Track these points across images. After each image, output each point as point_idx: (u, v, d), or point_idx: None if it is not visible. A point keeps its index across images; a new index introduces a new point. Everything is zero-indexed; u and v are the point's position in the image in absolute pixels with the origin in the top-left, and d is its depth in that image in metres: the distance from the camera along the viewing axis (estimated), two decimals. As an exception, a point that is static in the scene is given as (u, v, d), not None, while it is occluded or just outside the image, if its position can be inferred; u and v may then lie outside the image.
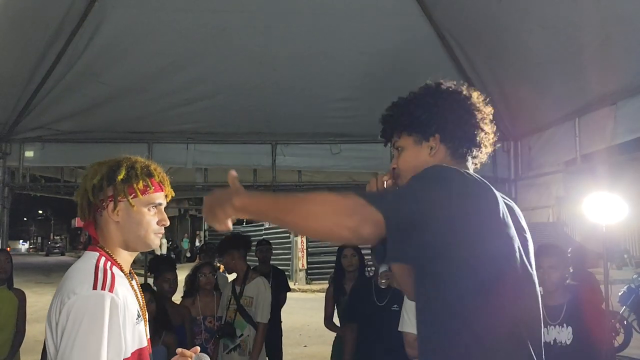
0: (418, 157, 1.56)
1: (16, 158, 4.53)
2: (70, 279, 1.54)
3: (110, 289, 1.50)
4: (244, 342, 4.02)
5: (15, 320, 4.19)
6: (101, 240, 1.65)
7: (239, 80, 4.11)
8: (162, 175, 1.72)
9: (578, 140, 3.61)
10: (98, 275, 1.51)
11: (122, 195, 1.62)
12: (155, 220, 1.67)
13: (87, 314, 1.44)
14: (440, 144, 1.55)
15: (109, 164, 1.66)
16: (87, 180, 1.65)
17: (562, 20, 2.93)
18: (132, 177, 1.63)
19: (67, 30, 3.49)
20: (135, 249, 1.69)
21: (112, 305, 1.47)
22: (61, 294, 1.50)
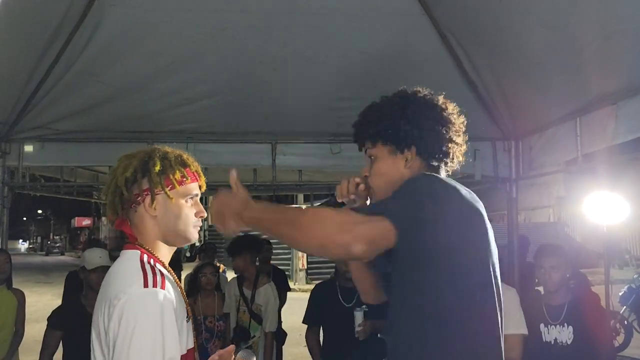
0: (393, 168, 1.55)
1: (16, 158, 4.52)
2: (116, 280, 1.43)
3: (162, 286, 1.39)
4: (255, 344, 4.04)
5: (14, 320, 4.19)
6: (138, 237, 1.54)
7: (239, 80, 4.10)
8: (196, 165, 1.63)
9: (579, 140, 3.60)
10: (147, 272, 1.41)
11: (159, 187, 1.51)
12: (193, 212, 1.57)
13: (141, 314, 1.33)
14: (417, 156, 1.55)
15: (140, 156, 1.56)
16: (118, 174, 1.54)
17: (563, 19, 2.92)
18: (168, 168, 1.53)
19: (66, 29, 3.48)
20: (175, 243, 1.59)
21: (166, 302, 1.37)
22: (108, 298, 1.38)
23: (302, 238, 1.40)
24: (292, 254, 18.66)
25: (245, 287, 4.15)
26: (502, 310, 1.47)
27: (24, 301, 4.30)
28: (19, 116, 4.22)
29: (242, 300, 4.09)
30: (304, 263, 18.50)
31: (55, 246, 47.98)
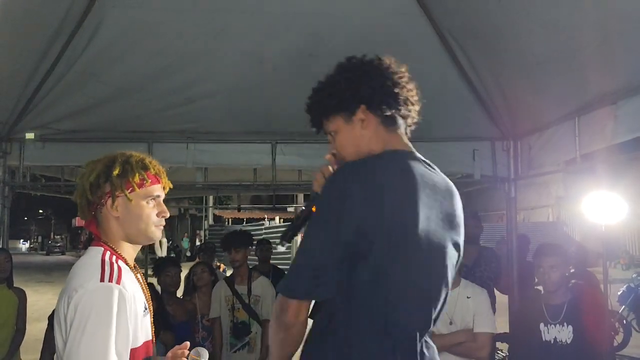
0: (352, 134, 1.56)
1: (16, 157, 4.53)
2: (77, 273, 1.55)
3: (118, 281, 1.51)
4: (252, 340, 4.04)
5: (15, 320, 4.20)
6: (103, 236, 1.66)
7: (239, 80, 4.11)
8: (157, 168, 1.73)
9: (578, 139, 3.61)
10: (105, 268, 1.52)
11: (120, 190, 1.63)
12: (155, 212, 1.68)
13: (95, 307, 1.45)
14: (369, 112, 1.54)
15: (104, 161, 1.68)
16: (84, 178, 1.67)
17: (562, 19, 2.92)
18: (128, 172, 1.64)
19: (66, 29, 3.49)
20: (138, 242, 1.71)
21: (120, 297, 1.48)
22: (68, 289, 1.51)
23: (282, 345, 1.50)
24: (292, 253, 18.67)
25: (238, 283, 4.15)
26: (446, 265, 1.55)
27: (25, 300, 4.31)
28: (20, 116, 4.22)
29: (236, 299, 4.09)
30: (304, 262, 18.50)
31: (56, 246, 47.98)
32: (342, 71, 1.59)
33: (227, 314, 4.10)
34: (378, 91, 1.53)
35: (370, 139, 1.55)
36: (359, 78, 1.54)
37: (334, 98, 1.57)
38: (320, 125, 1.67)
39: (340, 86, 1.56)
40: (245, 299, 4.07)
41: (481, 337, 3.05)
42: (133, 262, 1.70)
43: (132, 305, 1.53)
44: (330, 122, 1.61)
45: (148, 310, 1.65)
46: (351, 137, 1.57)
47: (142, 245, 1.77)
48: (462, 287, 3.17)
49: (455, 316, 3.09)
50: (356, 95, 1.53)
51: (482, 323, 3.08)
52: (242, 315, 4.07)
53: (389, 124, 1.56)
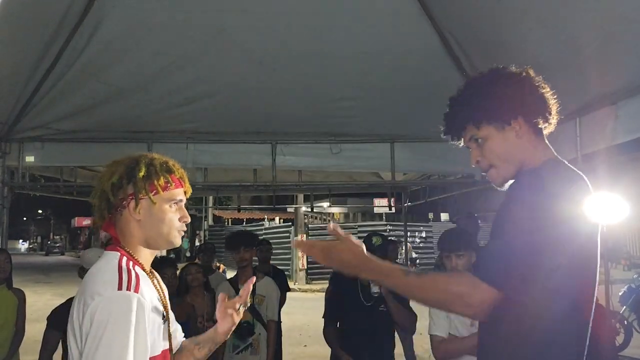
0: (505, 142, 1.58)
1: (16, 157, 4.53)
2: (93, 280, 1.48)
3: (136, 289, 1.44)
4: (255, 341, 4.02)
5: (15, 320, 4.18)
6: (122, 240, 1.60)
7: (239, 80, 4.11)
8: (181, 172, 1.67)
9: (579, 140, 3.60)
10: (122, 275, 1.46)
11: (144, 192, 1.57)
12: (177, 217, 1.62)
13: (112, 316, 1.38)
14: (525, 124, 1.58)
15: (127, 162, 1.62)
16: (105, 179, 1.60)
17: (563, 19, 2.92)
18: (152, 174, 1.59)
19: (66, 29, 3.48)
20: (157, 247, 1.64)
21: (138, 306, 1.42)
22: (84, 296, 1.44)
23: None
24: (292, 254, 18.66)
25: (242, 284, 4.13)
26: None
27: (25, 301, 4.30)
28: (19, 116, 4.22)
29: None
30: (304, 263, 18.50)
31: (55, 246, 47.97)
32: (494, 81, 1.60)
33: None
34: (534, 105, 1.58)
35: (524, 147, 1.58)
36: (517, 89, 1.57)
37: (491, 107, 1.58)
38: (460, 133, 1.67)
39: (498, 95, 1.57)
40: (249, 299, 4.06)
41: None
42: (149, 268, 1.64)
43: (151, 314, 1.48)
44: (480, 130, 1.61)
45: (166, 317, 1.59)
46: (505, 145, 1.59)
47: (162, 250, 1.71)
48: None
49: None
50: (515, 106, 1.57)
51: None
52: (245, 315, 4.05)
53: (538, 133, 1.60)
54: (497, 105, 1.57)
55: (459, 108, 1.65)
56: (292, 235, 19.14)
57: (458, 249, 3.05)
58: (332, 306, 3.90)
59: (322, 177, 6.39)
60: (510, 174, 1.61)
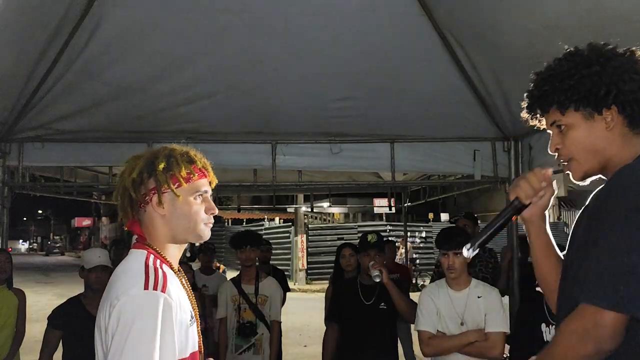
0: (592, 134, 1.38)
1: (16, 158, 4.53)
2: (119, 280, 1.43)
3: (163, 289, 1.39)
4: (258, 341, 4.02)
5: (15, 320, 4.19)
6: (148, 237, 1.53)
7: (239, 80, 4.11)
8: (203, 161, 1.60)
9: (579, 140, 3.60)
10: (149, 275, 1.40)
11: (166, 185, 1.50)
12: (203, 208, 1.55)
13: (138, 316, 1.33)
14: (618, 114, 1.36)
15: (146, 156, 1.56)
16: (125, 176, 1.54)
17: (563, 19, 2.92)
18: (173, 165, 1.52)
19: (66, 29, 3.48)
20: (185, 241, 1.58)
21: (165, 306, 1.36)
22: (110, 297, 1.39)
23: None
24: (292, 254, 18.67)
25: (245, 283, 4.12)
26: None
27: (25, 301, 4.30)
28: (19, 116, 4.22)
29: (243, 299, 4.06)
30: (303, 263, 18.50)
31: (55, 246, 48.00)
32: (591, 61, 1.39)
33: (233, 314, 4.07)
34: (633, 94, 1.35)
35: (614, 141, 1.37)
36: (615, 74, 1.36)
37: (580, 91, 1.37)
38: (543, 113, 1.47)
39: (592, 79, 1.36)
40: (252, 299, 4.05)
41: (493, 337, 3.03)
42: (177, 266, 1.57)
43: (179, 313, 1.41)
44: (565, 116, 1.40)
45: (194, 318, 1.53)
46: (591, 136, 1.38)
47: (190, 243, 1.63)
48: (472, 286, 3.15)
49: (466, 316, 3.08)
50: (610, 94, 1.35)
51: (494, 322, 3.06)
52: (248, 315, 4.05)
53: (636, 126, 1.37)
54: (589, 90, 1.35)
55: (545, 86, 1.44)
56: (292, 235, 19.14)
57: (456, 247, 3.06)
58: (332, 307, 3.91)
59: (322, 177, 6.39)
60: (593, 169, 1.42)
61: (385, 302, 3.53)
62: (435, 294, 3.17)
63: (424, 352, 3.15)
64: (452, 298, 3.12)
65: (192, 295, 1.56)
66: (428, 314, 3.12)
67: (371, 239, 3.61)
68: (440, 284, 3.22)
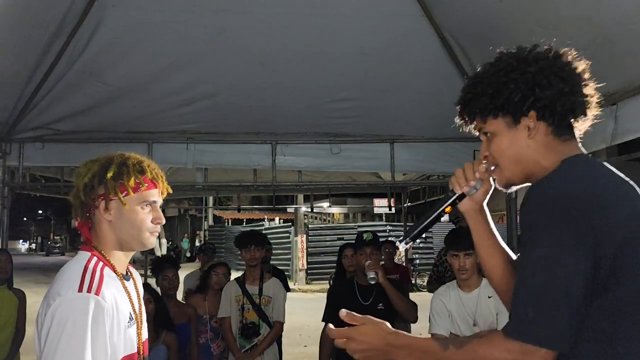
0: (515, 142, 1.34)
1: (16, 158, 4.53)
2: (58, 280, 1.50)
3: (97, 292, 1.44)
4: (261, 341, 4.01)
5: (16, 321, 4.19)
6: (95, 240, 1.60)
7: (239, 81, 4.11)
8: (155, 172, 1.64)
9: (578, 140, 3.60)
10: (85, 277, 1.46)
11: (113, 193, 1.55)
12: (150, 218, 1.60)
13: (70, 318, 1.39)
14: (538, 121, 1.32)
15: (101, 162, 1.61)
16: (79, 178, 1.61)
17: (563, 20, 2.92)
18: (124, 174, 1.57)
19: (66, 29, 3.49)
20: (130, 248, 1.63)
21: (97, 308, 1.41)
22: (48, 296, 1.47)
23: None
24: (292, 254, 18.66)
25: (249, 283, 4.12)
26: None
27: (25, 301, 4.30)
28: (20, 116, 4.22)
29: (247, 299, 4.06)
30: (303, 263, 18.50)
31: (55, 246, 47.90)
32: (511, 66, 1.36)
33: (237, 314, 4.07)
34: (554, 97, 1.31)
35: (537, 149, 1.33)
36: (533, 80, 1.32)
37: (497, 98, 1.34)
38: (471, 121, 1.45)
39: (508, 86, 1.33)
40: (256, 300, 4.05)
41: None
42: (125, 269, 1.63)
43: (113, 316, 1.46)
44: (487, 124, 1.38)
45: (135, 320, 1.57)
46: (513, 144, 1.35)
47: (136, 251, 1.68)
48: (482, 286, 3.12)
49: (477, 317, 3.04)
50: (526, 101, 1.31)
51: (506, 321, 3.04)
52: (251, 316, 4.04)
53: (561, 133, 1.34)
54: (506, 98, 1.32)
55: (468, 94, 1.42)
56: (292, 235, 19.14)
57: (467, 248, 3.03)
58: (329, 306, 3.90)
59: (322, 177, 6.39)
60: (516, 177, 1.38)
61: (384, 303, 3.52)
62: (446, 296, 3.14)
63: None
64: (462, 299, 3.09)
65: (139, 297, 1.63)
66: (440, 317, 3.10)
67: (367, 237, 3.61)
68: (451, 286, 3.19)
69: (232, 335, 4.04)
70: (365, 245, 3.57)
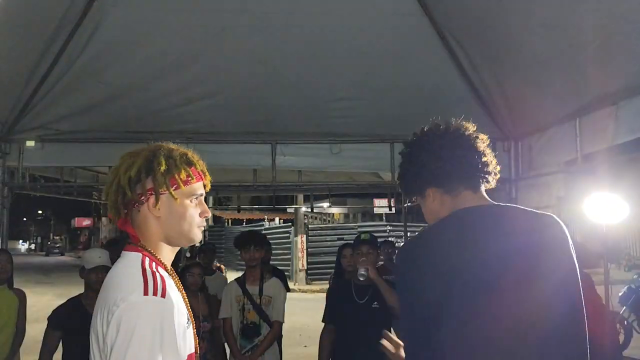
0: (428, 207, 1.70)
1: (16, 158, 4.53)
2: (117, 284, 1.39)
3: (163, 294, 1.35)
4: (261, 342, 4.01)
5: (16, 321, 4.18)
6: (141, 238, 1.49)
7: (239, 80, 4.11)
8: (202, 164, 1.58)
9: (579, 140, 3.60)
10: (148, 279, 1.36)
11: (164, 187, 1.46)
12: (198, 212, 1.52)
13: (139, 324, 1.29)
14: (436, 191, 1.66)
15: (144, 155, 1.50)
16: (121, 173, 1.48)
17: (563, 20, 2.92)
18: (173, 167, 1.48)
19: (66, 29, 3.48)
20: (178, 244, 1.54)
21: (167, 311, 1.33)
22: (108, 303, 1.34)
23: None
24: (292, 254, 18.67)
25: (250, 284, 4.12)
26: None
27: (25, 301, 4.29)
28: (19, 116, 4.22)
29: (247, 299, 4.06)
30: (303, 264, 18.50)
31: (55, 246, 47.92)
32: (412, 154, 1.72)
33: (237, 315, 4.07)
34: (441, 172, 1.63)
35: (439, 209, 1.65)
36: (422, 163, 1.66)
37: (406, 186, 1.73)
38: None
39: (406, 177, 1.71)
40: (257, 300, 4.04)
41: None
42: (170, 267, 1.53)
43: (177, 317, 1.38)
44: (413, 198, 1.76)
45: (190, 320, 1.49)
46: (428, 210, 1.70)
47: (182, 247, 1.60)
48: None
49: None
50: (423, 182, 1.66)
51: None
52: (252, 316, 4.04)
53: (451, 191, 1.65)
54: (409, 182, 1.70)
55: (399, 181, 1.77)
56: (292, 235, 19.14)
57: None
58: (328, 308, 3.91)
59: (322, 177, 6.39)
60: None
61: (379, 301, 3.54)
62: None
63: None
64: None
65: (185, 297, 1.53)
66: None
67: (364, 237, 3.65)
68: None
69: (233, 337, 4.04)
70: (362, 244, 3.60)
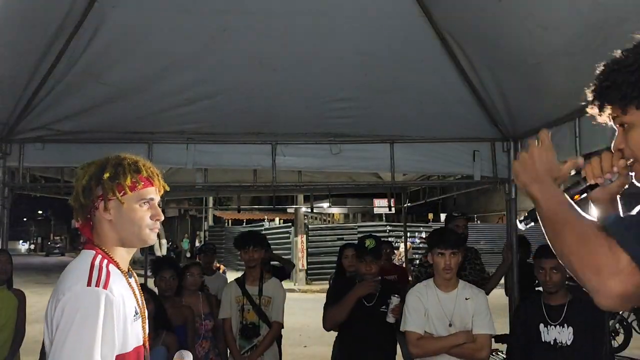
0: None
1: (16, 158, 4.53)
2: (66, 277, 1.57)
3: (105, 286, 1.52)
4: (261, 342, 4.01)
5: (15, 321, 4.19)
6: (97, 240, 1.68)
7: (239, 81, 4.11)
8: (150, 170, 1.72)
9: (578, 140, 3.61)
10: (93, 273, 1.54)
11: (111, 193, 1.64)
12: (149, 215, 1.68)
13: (80, 310, 1.46)
14: None
15: (97, 164, 1.71)
16: (77, 182, 1.70)
17: (562, 20, 2.92)
18: (120, 174, 1.65)
19: (67, 30, 3.49)
20: (132, 245, 1.71)
21: (106, 301, 1.49)
22: (57, 292, 1.53)
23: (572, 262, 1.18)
24: (292, 254, 18.67)
25: (249, 284, 4.12)
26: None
27: (25, 301, 4.30)
28: (20, 117, 4.22)
29: (247, 299, 4.06)
30: (303, 263, 18.50)
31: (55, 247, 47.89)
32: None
33: (237, 315, 4.07)
34: None
35: None
36: None
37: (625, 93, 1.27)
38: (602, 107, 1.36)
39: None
40: (256, 300, 4.05)
41: (481, 339, 3.05)
42: (127, 266, 1.71)
43: (121, 310, 1.54)
44: (627, 114, 1.27)
45: (139, 315, 1.66)
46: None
47: (137, 248, 1.77)
48: (460, 288, 3.16)
49: (454, 318, 3.09)
50: None
51: (482, 324, 3.07)
52: (251, 317, 4.04)
53: None
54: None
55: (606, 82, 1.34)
56: (292, 235, 19.14)
57: (453, 247, 3.05)
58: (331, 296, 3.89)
59: (322, 177, 6.40)
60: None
61: (386, 305, 3.54)
62: (424, 294, 3.16)
63: (412, 352, 3.15)
64: (440, 299, 3.12)
65: (140, 293, 1.71)
66: (415, 314, 3.12)
67: (369, 244, 3.60)
68: (429, 285, 3.21)
69: (233, 337, 4.04)
70: (367, 254, 3.59)
